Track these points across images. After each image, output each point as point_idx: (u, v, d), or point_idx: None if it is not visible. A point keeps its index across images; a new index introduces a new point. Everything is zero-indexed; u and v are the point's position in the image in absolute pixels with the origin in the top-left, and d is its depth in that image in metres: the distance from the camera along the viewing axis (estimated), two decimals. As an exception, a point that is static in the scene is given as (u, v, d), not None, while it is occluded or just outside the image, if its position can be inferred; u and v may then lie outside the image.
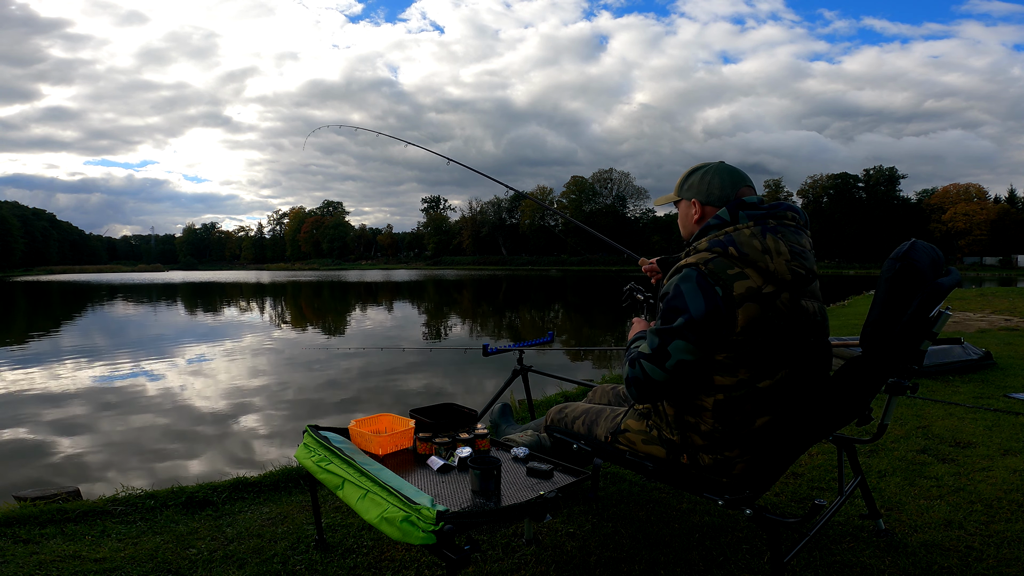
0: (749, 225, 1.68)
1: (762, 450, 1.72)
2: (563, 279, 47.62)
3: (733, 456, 1.74)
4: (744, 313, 1.60)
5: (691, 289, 1.62)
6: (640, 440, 1.93)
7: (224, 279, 54.90)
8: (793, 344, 1.66)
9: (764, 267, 1.62)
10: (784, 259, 1.64)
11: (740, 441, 1.71)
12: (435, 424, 2.22)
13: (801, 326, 1.66)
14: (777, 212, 1.74)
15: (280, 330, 15.53)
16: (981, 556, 2.14)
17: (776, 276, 1.62)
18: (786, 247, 1.66)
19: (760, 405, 1.67)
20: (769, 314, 1.61)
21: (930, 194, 76.84)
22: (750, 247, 1.63)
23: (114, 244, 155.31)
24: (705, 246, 1.69)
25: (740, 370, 1.65)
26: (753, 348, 1.63)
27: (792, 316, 1.64)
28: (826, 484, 2.80)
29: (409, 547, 2.23)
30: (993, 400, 4.21)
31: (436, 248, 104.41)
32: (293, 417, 6.32)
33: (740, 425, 1.69)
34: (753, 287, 1.60)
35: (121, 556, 2.28)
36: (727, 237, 1.66)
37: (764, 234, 1.66)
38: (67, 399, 7.19)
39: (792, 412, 1.69)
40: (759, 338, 1.62)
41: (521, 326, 16.31)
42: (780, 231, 1.69)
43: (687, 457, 1.81)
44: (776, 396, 1.67)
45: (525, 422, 2.90)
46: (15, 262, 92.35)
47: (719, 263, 1.63)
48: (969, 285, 24.94)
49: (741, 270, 1.62)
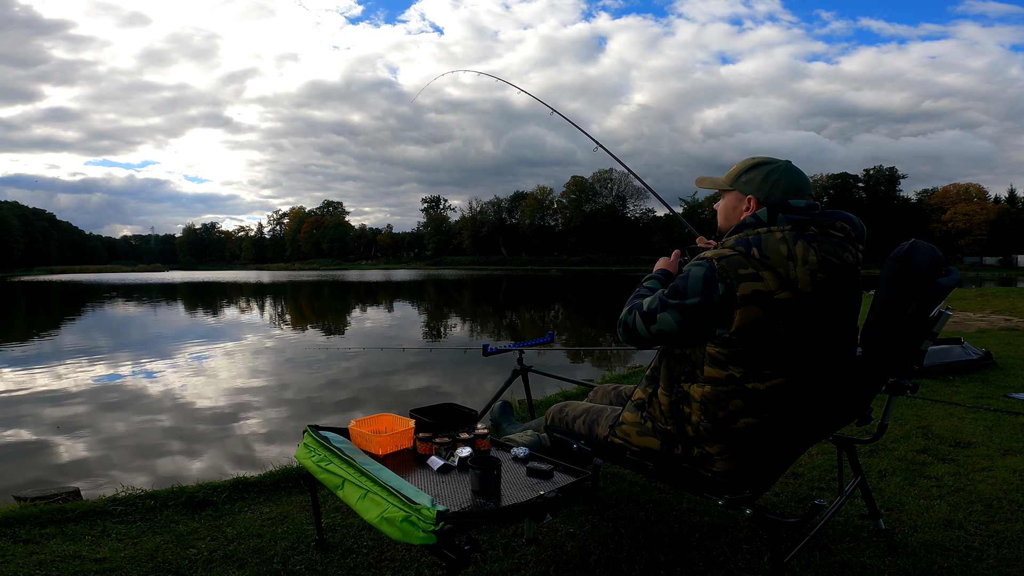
0: (784, 229, 1.64)
1: (745, 451, 1.72)
2: (563, 279, 47.62)
3: (714, 452, 1.74)
4: (743, 314, 1.59)
5: (696, 278, 1.66)
6: (635, 432, 1.92)
7: (224, 279, 54.89)
8: (798, 354, 1.63)
9: (783, 273, 1.59)
10: (809, 268, 1.59)
11: (722, 438, 1.71)
12: (435, 424, 2.22)
13: (814, 338, 1.63)
14: (824, 220, 1.68)
15: (280, 330, 15.53)
16: (981, 556, 2.14)
17: (795, 284, 1.58)
18: (817, 257, 1.60)
19: (747, 406, 1.66)
20: (774, 320, 1.59)
21: (930, 194, 76.86)
22: (775, 251, 1.60)
23: (114, 244, 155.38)
24: (731, 243, 1.68)
25: (730, 366, 1.65)
26: (747, 349, 1.62)
27: (804, 327, 1.61)
28: (826, 484, 2.80)
29: (409, 547, 2.23)
30: (993, 400, 4.21)
31: (436, 248, 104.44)
32: (293, 417, 6.32)
33: (723, 422, 1.69)
34: (763, 291, 1.58)
35: (121, 556, 2.28)
36: (756, 237, 1.64)
37: (796, 240, 1.62)
38: (67, 399, 7.19)
39: (786, 419, 1.68)
40: (755, 341, 1.61)
41: (521, 326, 16.31)
42: (819, 239, 1.63)
43: (681, 448, 1.81)
44: (767, 400, 1.65)
45: (525, 422, 2.90)
46: (15, 262, 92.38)
47: (734, 262, 1.62)
48: (969, 285, 24.94)
49: (756, 272, 1.60)
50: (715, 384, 1.68)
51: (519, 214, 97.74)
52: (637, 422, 1.93)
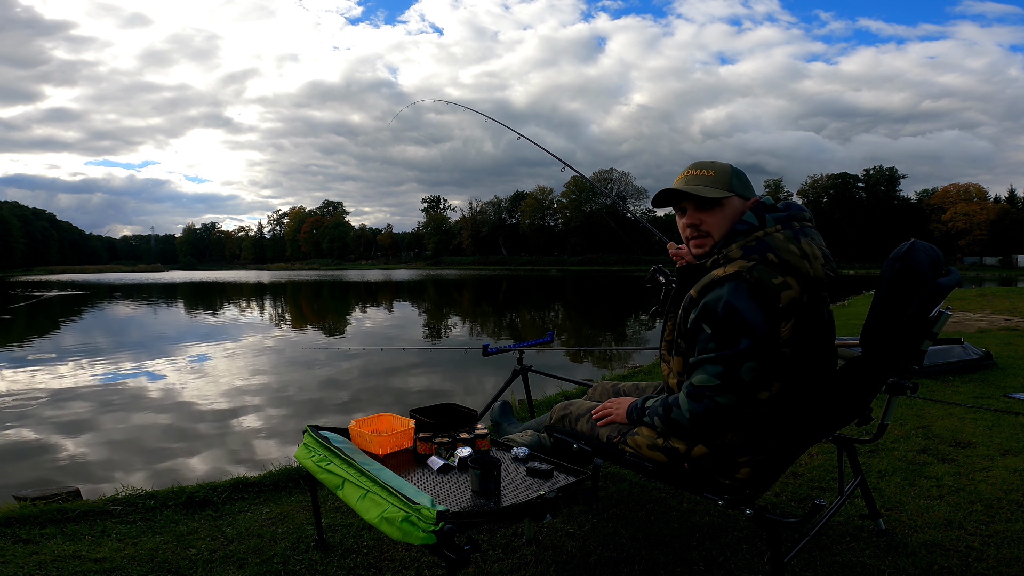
0: (778, 228, 1.62)
1: (769, 455, 1.72)
2: (563, 279, 47.59)
3: (742, 462, 1.73)
4: (788, 325, 1.56)
5: (746, 304, 1.53)
6: (646, 445, 1.90)
7: (224, 279, 54.87)
8: (818, 350, 1.64)
9: (805, 273, 1.57)
10: (820, 263, 1.60)
11: (752, 448, 1.70)
12: (435, 424, 2.22)
13: (825, 330, 1.64)
14: (797, 214, 1.68)
15: (280, 330, 15.52)
16: (981, 556, 2.14)
17: (814, 282, 1.57)
18: (819, 251, 1.61)
19: (776, 411, 1.66)
20: (805, 324, 1.58)
21: (930, 194, 76.90)
22: (789, 253, 1.58)
23: (114, 244, 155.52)
24: (739, 253, 1.61)
25: (774, 382, 1.61)
26: (792, 360, 1.59)
27: (821, 321, 1.62)
28: (826, 484, 2.80)
29: (409, 547, 2.23)
30: (993, 400, 4.21)
31: (436, 248, 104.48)
32: (293, 417, 6.32)
33: (756, 434, 1.68)
34: (795, 297, 1.56)
35: (121, 556, 2.28)
36: (760, 242, 1.60)
37: (798, 238, 1.61)
38: (68, 398, 7.18)
39: (794, 414, 1.68)
40: (799, 350, 1.58)
41: (521, 326, 16.30)
42: (808, 233, 1.64)
43: (688, 465, 1.79)
44: (790, 400, 1.66)
45: (525, 422, 2.90)
46: (15, 262, 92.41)
47: (762, 271, 1.56)
48: (969, 285, 24.91)
49: (784, 279, 1.56)
50: (759, 404, 1.63)
51: (519, 214, 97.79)
52: (651, 436, 1.89)
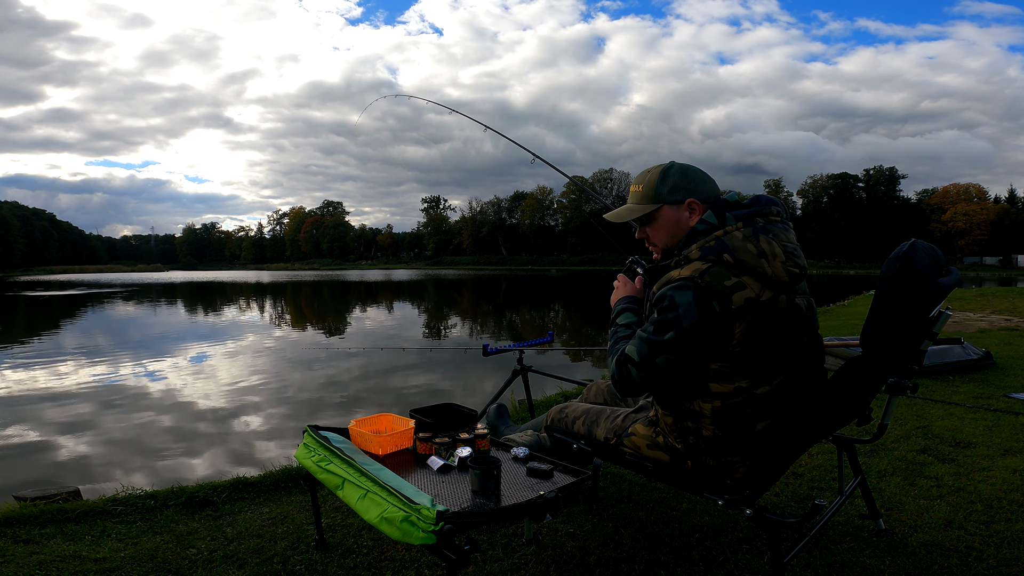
0: (739, 227, 1.62)
1: (763, 453, 1.72)
2: (563, 279, 47.59)
3: (735, 460, 1.73)
4: (743, 325, 1.57)
5: (688, 307, 1.56)
6: (645, 445, 1.91)
7: (224, 279, 54.87)
8: (790, 346, 1.65)
9: (762, 272, 1.58)
10: (780, 261, 1.60)
11: (741, 446, 1.71)
12: (435, 424, 2.22)
13: (796, 326, 1.65)
14: (762, 209, 1.67)
15: (280, 330, 15.52)
16: (981, 556, 2.14)
17: (774, 280, 1.59)
18: (780, 247, 1.62)
19: (760, 410, 1.66)
20: (767, 321, 1.59)
21: (930, 194, 76.91)
22: (745, 252, 1.58)
23: (114, 244, 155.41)
24: (697, 255, 1.62)
25: (737, 379, 1.63)
26: (751, 357, 1.61)
27: (788, 318, 1.63)
28: (826, 484, 2.80)
29: (409, 547, 2.23)
30: (993, 400, 4.21)
31: (436, 248, 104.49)
32: (293, 417, 6.32)
33: (740, 431, 1.68)
34: (752, 297, 1.56)
35: (121, 556, 2.28)
36: (719, 243, 1.60)
37: (757, 236, 1.61)
38: (68, 398, 7.18)
39: (791, 413, 1.68)
40: (757, 347, 1.60)
41: (521, 326, 16.30)
42: (770, 230, 1.64)
43: (691, 463, 1.80)
44: (775, 400, 1.66)
45: (524, 422, 2.90)
46: (15, 262, 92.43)
47: (715, 274, 1.57)
48: (969, 285, 24.92)
49: (739, 279, 1.57)
50: (725, 398, 1.65)
51: (519, 214, 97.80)
52: (648, 435, 1.91)
